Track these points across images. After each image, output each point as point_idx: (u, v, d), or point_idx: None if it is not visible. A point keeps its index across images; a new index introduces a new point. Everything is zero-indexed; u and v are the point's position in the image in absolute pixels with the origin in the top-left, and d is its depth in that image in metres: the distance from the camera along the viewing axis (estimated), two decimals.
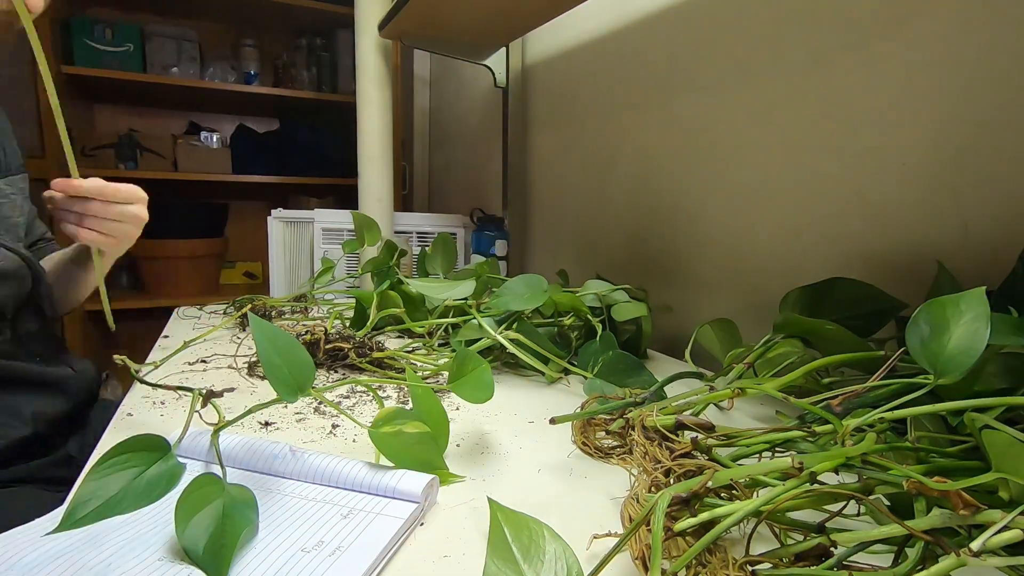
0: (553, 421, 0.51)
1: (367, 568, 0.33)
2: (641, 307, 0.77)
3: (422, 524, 0.39)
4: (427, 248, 1.14)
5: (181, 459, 0.46)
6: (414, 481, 0.41)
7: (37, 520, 0.37)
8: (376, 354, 0.72)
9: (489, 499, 0.35)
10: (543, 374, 0.70)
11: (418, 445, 0.43)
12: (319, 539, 0.36)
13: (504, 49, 1.31)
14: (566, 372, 0.72)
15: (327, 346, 0.72)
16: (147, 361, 0.75)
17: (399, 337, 0.91)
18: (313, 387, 0.41)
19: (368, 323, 0.80)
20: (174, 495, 0.41)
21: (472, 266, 1.15)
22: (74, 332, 1.76)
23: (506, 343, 0.68)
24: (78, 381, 0.76)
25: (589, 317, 0.76)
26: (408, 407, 0.60)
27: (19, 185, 0.76)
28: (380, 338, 0.91)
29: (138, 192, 0.70)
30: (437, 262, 1.10)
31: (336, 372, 0.72)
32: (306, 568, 0.33)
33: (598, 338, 0.72)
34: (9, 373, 0.68)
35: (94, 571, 0.32)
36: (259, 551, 0.35)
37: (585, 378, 0.66)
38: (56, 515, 0.38)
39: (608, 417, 0.51)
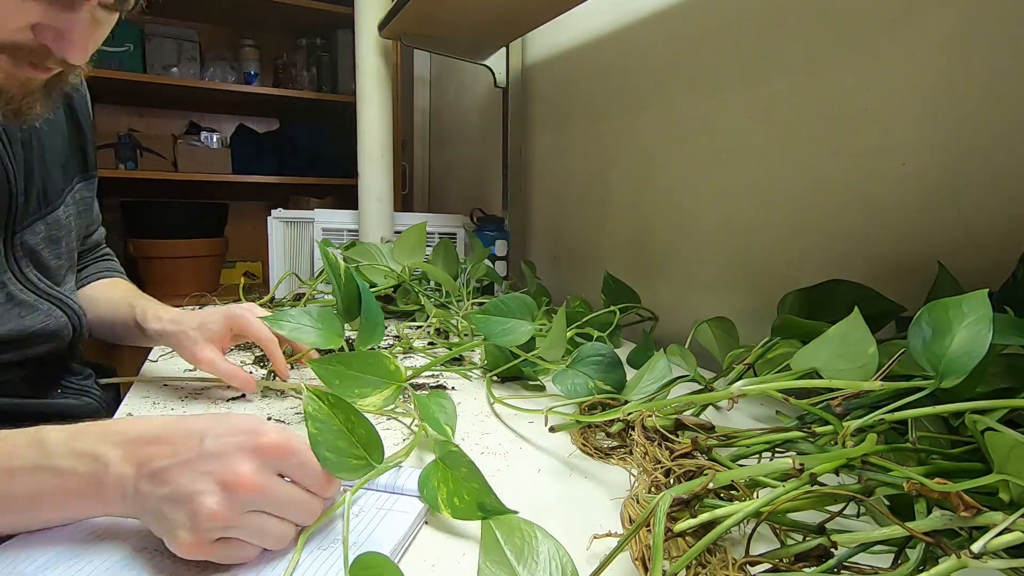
0: (552, 430, 0.51)
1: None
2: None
3: (426, 523, 0.39)
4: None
5: None
6: (418, 477, 0.41)
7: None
8: None
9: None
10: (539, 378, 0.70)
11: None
12: (334, 537, 0.36)
13: (504, 49, 1.30)
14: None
15: None
16: (149, 359, 0.75)
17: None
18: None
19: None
20: None
21: (470, 258, 1.15)
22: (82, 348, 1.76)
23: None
24: (99, 413, 0.69)
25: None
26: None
27: (79, 196, 0.67)
28: None
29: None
30: (439, 266, 1.10)
31: None
32: (325, 563, 0.33)
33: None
34: (27, 409, 0.60)
35: (111, 571, 0.32)
36: (276, 551, 0.35)
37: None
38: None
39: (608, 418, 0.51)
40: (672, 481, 0.36)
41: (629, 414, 0.47)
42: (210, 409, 0.59)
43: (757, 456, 0.41)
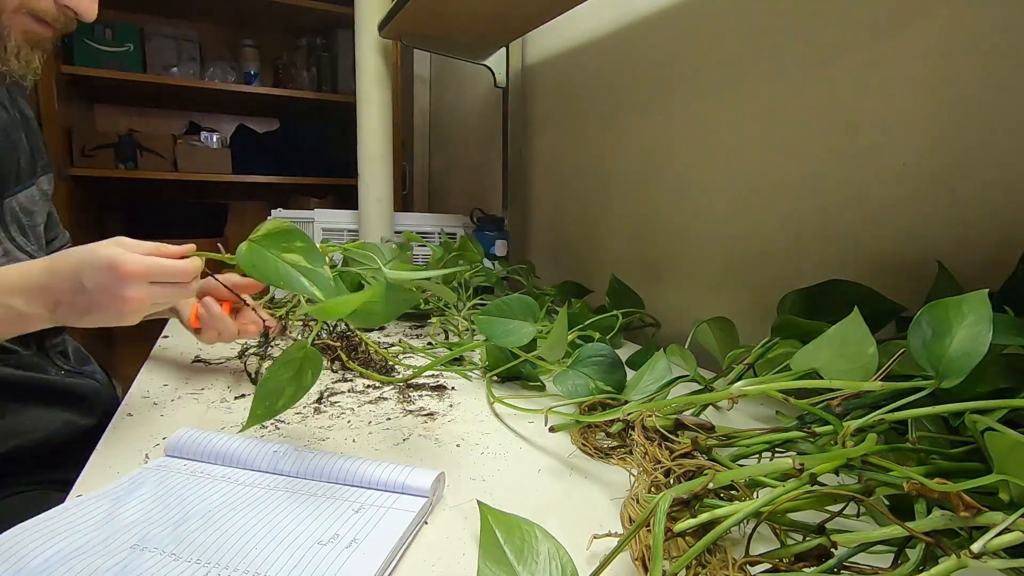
0: (553, 430, 0.51)
1: (386, 558, 0.34)
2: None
3: (427, 523, 0.40)
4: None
5: (175, 459, 0.46)
6: (423, 476, 0.41)
7: (40, 516, 0.37)
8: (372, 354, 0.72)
9: (479, 502, 0.35)
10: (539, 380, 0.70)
11: None
12: (334, 532, 0.36)
13: (504, 49, 1.30)
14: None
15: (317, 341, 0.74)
16: (149, 357, 0.75)
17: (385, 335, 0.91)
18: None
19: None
20: (175, 494, 0.41)
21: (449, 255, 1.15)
22: (71, 333, 1.76)
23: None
24: (104, 392, 0.75)
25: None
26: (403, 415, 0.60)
27: (44, 187, 0.75)
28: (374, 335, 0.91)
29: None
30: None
31: (335, 371, 0.72)
32: (325, 560, 0.34)
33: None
34: (35, 385, 0.67)
35: (110, 574, 0.32)
36: (276, 545, 0.35)
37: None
38: (60, 511, 0.38)
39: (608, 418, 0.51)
40: (672, 481, 0.36)
41: (629, 414, 0.47)
42: (210, 408, 0.59)
43: (757, 456, 0.41)
